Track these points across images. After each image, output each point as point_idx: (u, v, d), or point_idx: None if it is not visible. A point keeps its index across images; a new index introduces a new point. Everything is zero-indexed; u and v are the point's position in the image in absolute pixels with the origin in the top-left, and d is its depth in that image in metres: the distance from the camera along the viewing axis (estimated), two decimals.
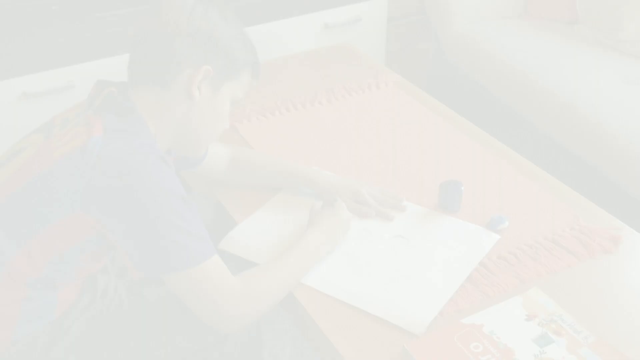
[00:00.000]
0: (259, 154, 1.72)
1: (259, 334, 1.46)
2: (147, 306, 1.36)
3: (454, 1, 2.71)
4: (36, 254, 1.22)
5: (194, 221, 1.23)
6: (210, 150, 1.58)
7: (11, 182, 1.25)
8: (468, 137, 1.86)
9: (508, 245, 1.49)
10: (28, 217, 1.22)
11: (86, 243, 1.24)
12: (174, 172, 1.25)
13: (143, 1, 2.25)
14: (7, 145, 1.37)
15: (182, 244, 1.20)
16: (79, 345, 1.29)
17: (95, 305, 1.34)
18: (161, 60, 1.26)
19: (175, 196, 1.20)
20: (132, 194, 1.17)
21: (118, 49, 2.26)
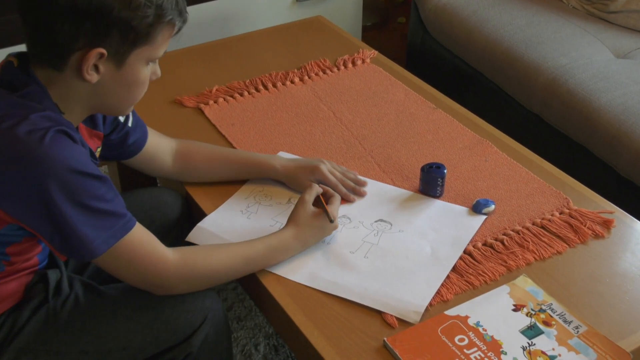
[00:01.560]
0: (208, 145, 1.65)
1: (228, 332, 1.45)
2: (106, 304, 1.34)
3: None
4: None
5: (107, 195, 1.20)
6: (153, 146, 1.55)
7: None
8: (450, 116, 1.85)
9: (494, 232, 1.49)
10: None
11: (3, 236, 1.22)
12: (80, 145, 1.19)
13: None
14: None
15: (100, 225, 1.18)
16: (32, 346, 1.28)
17: (48, 304, 1.32)
18: (44, 43, 1.17)
19: (81, 173, 1.16)
20: (32, 179, 1.13)
21: None
